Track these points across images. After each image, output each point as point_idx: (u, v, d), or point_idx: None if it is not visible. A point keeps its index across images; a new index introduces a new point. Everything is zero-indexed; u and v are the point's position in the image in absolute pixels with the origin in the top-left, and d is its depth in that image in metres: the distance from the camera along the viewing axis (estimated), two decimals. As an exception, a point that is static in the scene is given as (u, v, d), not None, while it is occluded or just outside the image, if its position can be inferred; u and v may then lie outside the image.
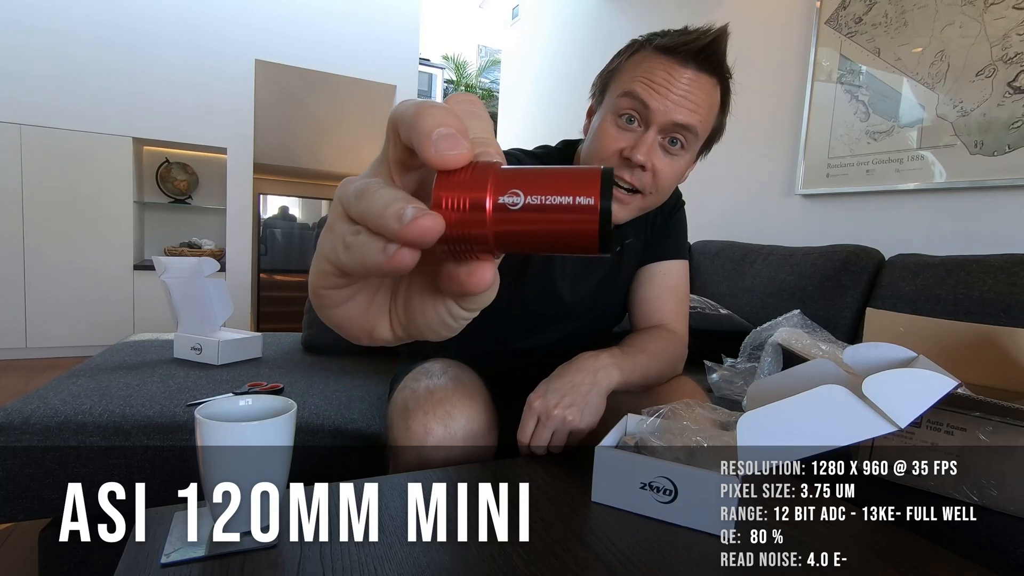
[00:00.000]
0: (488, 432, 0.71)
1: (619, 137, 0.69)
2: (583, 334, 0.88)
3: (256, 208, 5.12)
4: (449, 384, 0.72)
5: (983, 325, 0.90)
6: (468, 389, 0.72)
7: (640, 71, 0.69)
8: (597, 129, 0.72)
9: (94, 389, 1.02)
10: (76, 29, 3.18)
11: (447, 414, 0.68)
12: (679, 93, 0.67)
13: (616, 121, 0.70)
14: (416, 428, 0.68)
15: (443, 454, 0.68)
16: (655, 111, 0.67)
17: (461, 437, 0.68)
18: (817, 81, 1.88)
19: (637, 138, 0.68)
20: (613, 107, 0.70)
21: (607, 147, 0.70)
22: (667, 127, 0.68)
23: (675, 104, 0.67)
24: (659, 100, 0.67)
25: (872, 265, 1.43)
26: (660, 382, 0.79)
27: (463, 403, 0.69)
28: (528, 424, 0.67)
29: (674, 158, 0.70)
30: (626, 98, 0.68)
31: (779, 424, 0.50)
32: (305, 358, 1.39)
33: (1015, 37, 1.38)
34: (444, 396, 0.70)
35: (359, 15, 3.96)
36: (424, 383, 0.73)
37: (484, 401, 0.73)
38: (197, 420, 0.46)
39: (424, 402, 0.69)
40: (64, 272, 3.22)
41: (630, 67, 0.71)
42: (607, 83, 0.74)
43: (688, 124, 0.68)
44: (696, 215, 2.42)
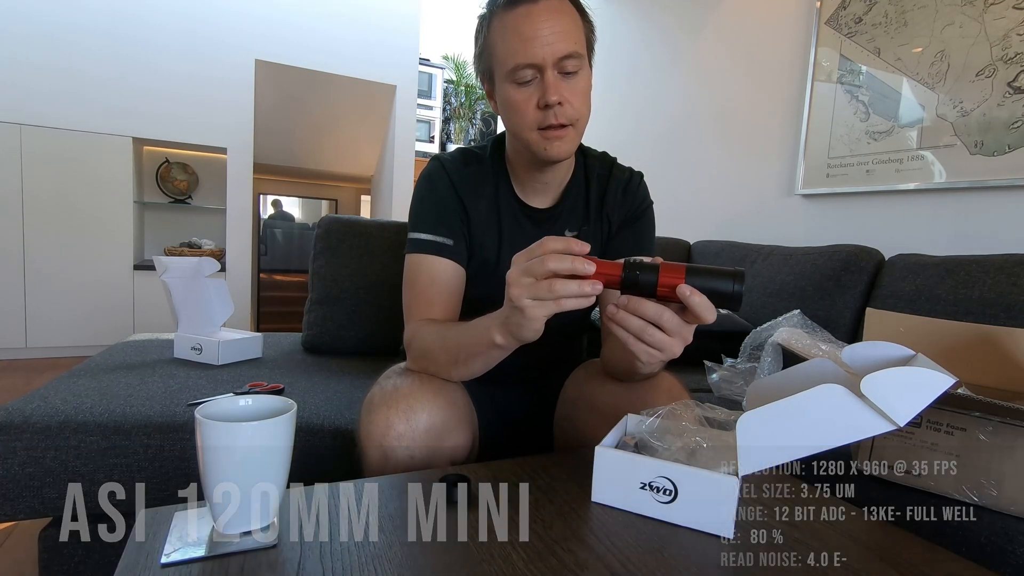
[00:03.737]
0: (455, 429, 0.72)
1: (528, 96, 0.76)
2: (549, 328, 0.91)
3: (256, 208, 5.13)
4: (415, 381, 0.73)
5: (983, 325, 0.90)
6: (435, 386, 0.73)
7: (508, 37, 0.75)
8: (507, 103, 0.78)
9: (95, 389, 1.02)
10: (76, 30, 3.18)
11: (409, 408, 0.69)
12: (547, 31, 0.73)
13: (518, 87, 0.76)
14: (378, 422, 0.69)
15: (405, 448, 0.68)
16: (542, 60, 0.73)
17: (423, 430, 0.69)
18: (817, 81, 1.88)
19: (540, 86, 0.75)
20: (509, 79, 0.76)
21: (524, 111, 0.76)
22: (556, 63, 0.74)
23: (550, 43, 0.73)
24: (538, 49, 0.73)
25: (872, 265, 1.43)
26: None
27: (426, 398, 0.71)
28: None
29: (576, 79, 0.76)
30: (516, 70, 0.75)
31: (779, 424, 0.50)
32: (305, 358, 1.39)
33: (1015, 37, 1.38)
34: (408, 391, 0.71)
35: (359, 15, 3.96)
36: (392, 381, 0.74)
37: (451, 398, 0.73)
38: (197, 420, 0.46)
39: (388, 397, 0.71)
40: (64, 272, 3.22)
41: (497, 39, 0.77)
42: (488, 65, 0.80)
43: (569, 52, 0.74)
44: (696, 215, 2.44)
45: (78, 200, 3.23)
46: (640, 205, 0.93)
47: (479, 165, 0.88)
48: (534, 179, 0.87)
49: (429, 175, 0.87)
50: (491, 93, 0.84)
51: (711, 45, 2.38)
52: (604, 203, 0.91)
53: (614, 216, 0.91)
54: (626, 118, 2.92)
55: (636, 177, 0.94)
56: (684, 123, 2.53)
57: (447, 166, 0.87)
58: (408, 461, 0.69)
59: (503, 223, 0.88)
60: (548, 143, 0.77)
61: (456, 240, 0.83)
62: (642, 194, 0.94)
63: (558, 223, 0.90)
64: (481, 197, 0.87)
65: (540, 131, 0.77)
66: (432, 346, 0.75)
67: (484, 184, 0.87)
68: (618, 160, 0.96)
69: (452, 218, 0.84)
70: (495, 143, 0.91)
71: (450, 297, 0.83)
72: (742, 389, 1.22)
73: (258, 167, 4.04)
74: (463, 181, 0.86)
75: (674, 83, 2.59)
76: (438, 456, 0.70)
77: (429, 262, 0.82)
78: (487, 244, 0.88)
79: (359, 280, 1.46)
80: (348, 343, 1.46)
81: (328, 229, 1.49)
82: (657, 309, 0.56)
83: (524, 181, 0.88)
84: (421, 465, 0.69)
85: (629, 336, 0.58)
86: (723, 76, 2.31)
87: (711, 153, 2.37)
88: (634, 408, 0.68)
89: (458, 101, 13.30)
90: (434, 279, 0.82)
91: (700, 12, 2.43)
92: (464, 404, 0.76)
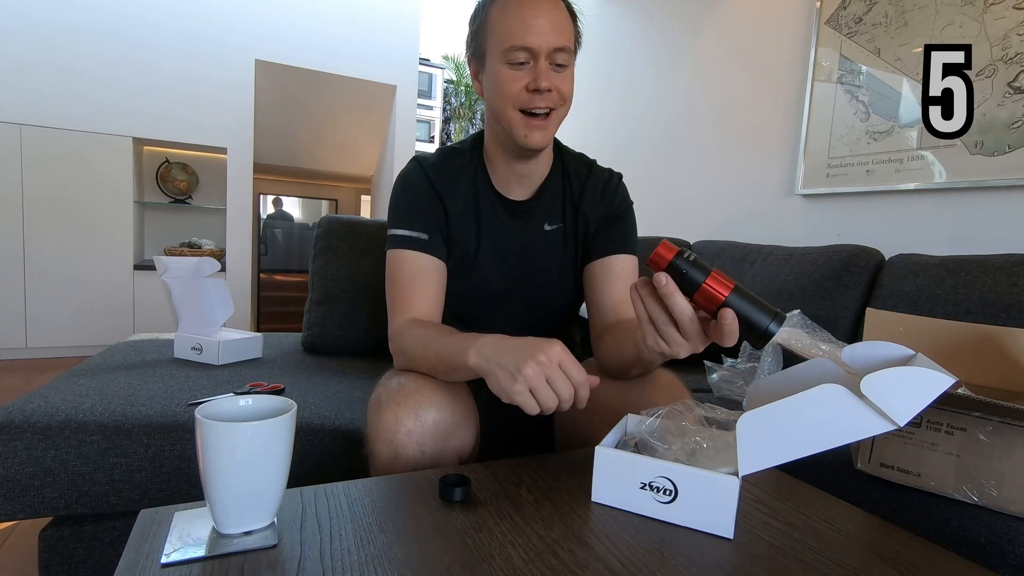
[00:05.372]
0: (461, 425, 0.73)
1: (519, 77, 0.79)
2: (534, 322, 0.95)
3: (256, 208, 5.12)
4: (420, 379, 0.74)
5: (983, 325, 0.90)
6: (438, 383, 0.74)
7: (510, 19, 0.79)
8: (497, 80, 0.81)
9: (95, 388, 1.02)
10: (76, 29, 3.18)
11: (417, 404, 0.70)
12: (546, 22, 0.78)
13: (510, 68, 0.80)
14: (388, 419, 0.70)
15: (415, 444, 0.69)
16: (538, 47, 0.78)
17: (431, 426, 0.70)
18: (817, 81, 1.88)
19: (533, 71, 0.79)
20: (503, 59, 0.80)
21: (513, 89, 0.80)
22: (550, 54, 0.79)
23: (548, 33, 0.78)
24: (537, 36, 0.77)
25: (872, 265, 1.43)
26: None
27: (433, 395, 0.71)
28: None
29: (564, 71, 0.81)
30: (512, 50, 0.78)
31: (779, 424, 0.50)
32: (305, 358, 1.39)
33: (1015, 37, 1.38)
34: (415, 389, 0.72)
35: (359, 15, 3.95)
36: (396, 380, 0.75)
37: (456, 395, 0.74)
38: (197, 420, 0.46)
39: (395, 395, 0.72)
40: (64, 272, 3.22)
41: (498, 19, 0.80)
42: (482, 43, 0.83)
43: (563, 46, 0.79)
44: (696, 215, 2.44)
45: (78, 200, 3.23)
46: (620, 206, 0.94)
47: (458, 158, 0.91)
48: (512, 170, 0.89)
49: (405, 175, 0.90)
50: (477, 73, 0.87)
51: (711, 45, 2.38)
52: (582, 202, 0.92)
53: (592, 216, 0.92)
54: (626, 118, 2.92)
55: (615, 178, 0.95)
56: (684, 123, 2.53)
57: (423, 164, 0.89)
58: (418, 458, 0.69)
59: (481, 214, 0.90)
60: (529, 131, 0.80)
61: (432, 234, 0.85)
62: (621, 195, 0.95)
63: (536, 216, 0.92)
64: (459, 188, 0.89)
65: (523, 115, 0.80)
66: (414, 351, 0.77)
67: (462, 175, 0.90)
68: (599, 161, 0.98)
69: (427, 214, 0.86)
70: (475, 137, 0.94)
71: (430, 290, 0.84)
72: (742, 389, 1.22)
73: (258, 167, 4.04)
74: (440, 175, 0.88)
75: (674, 83, 2.59)
76: (446, 453, 0.71)
77: (408, 257, 0.84)
78: (466, 236, 0.89)
79: (359, 280, 1.46)
80: (348, 343, 1.46)
81: (328, 229, 1.49)
82: (684, 308, 0.55)
83: (502, 173, 0.90)
84: (430, 463, 0.69)
85: (646, 316, 0.58)
86: (723, 76, 2.31)
87: (711, 153, 2.37)
88: (634, 407, 0.68)
89: (458, 101, 13.29)
90: (413, 274, 0.84)
91: (700, 12, 2.43)
92: (469, 402, 0.77)
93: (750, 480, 0.66)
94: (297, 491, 0.58)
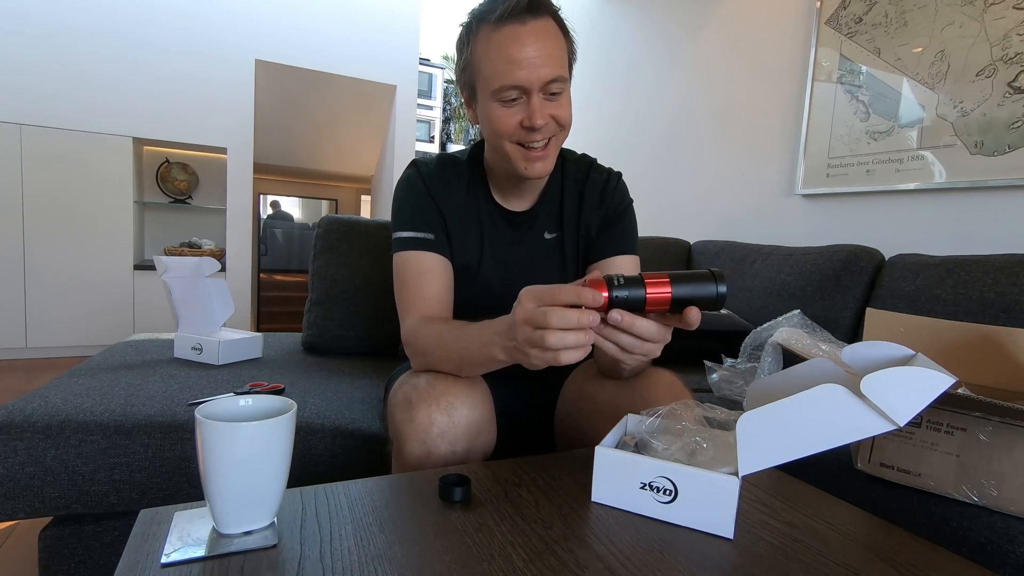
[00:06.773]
0: (489, 423, 0.73)
1: (512, 114, 0.76)
2: None
3: (256, 208, 5.13)
4: (449, 378, 0.74)
5: (983, 325, 0.90)
6: (467, 381, 0.74)
7: (494, 58, 0.74)
8: (489, 117, 0.78)
9: (95, 388, 1.02)
10: (76, 30, 3.18)
11: (450, 404, 0.70)
12: (534, 54, 0.73)
13: (503, 105, 0.77)
14: (420, 419, 0.69)
15: (447, 443, 0.69)
16: (529, 84, 0.74)
17: (464, 426, 0.70)
18: (817, 81, 1.88)
19: (526, 107, 0.75)
20: (494, 97, 0.76)
21: (507, 127, 0.77)
22: (543, 87, 0.75)
23: (538, 67, 0.73)
24: (527, 73, 0.73)
25: (872, 265, 1.43)
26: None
27: (464, 393, 0.71)
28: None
29: (559, 99, 0.78)
30: (501, 90, 0.75)
31: (779, 424, 0.50)
32: (305, 358, 1.39)
33: (1015, 37, 1.38)
34: (446, 388, 0.71)
35: (359, 15, 3.96)
36: (424, 377, 0.74)
37: (483, 392, 0.74)
38: (197, 420, 0.46)
39: (427, 394, 0.71)
40: (64, 272, 3.22)
41: (483, 57, 0.76)
42: (471, 79, 0.80)
43: (555, 76, 0.75)
44: (696, 215, 2.44)
45: (78, 200, 3.23)
46: (620, 205, 0.93)
47: (455, 167, 0.90)
48: (512, 184, 0.89)
49: (406, 179, 0.90)
50: (470, 103, 0.85)
51: (711, 45, 2.38)
52: (581, 208, 0.92)
53: (592, 221, 0.92)
54: (626, 118, 2.92)
55: (614, 178, 0.95)
56: (684, 123, 2.53)
57: (421, 169, 0.89)
58: (449, 456, 0.69)
59: (483, 226, 0.90)
60: (529, 163, 0.79)
61: (436, 234, 0.85)
62: (620, 194, 0.94)
63: (535, 226, 0.92)
64: (456, 197, 0.88)
65: (521, 148, 0.78)
66: (432, 349, 0.76)
67: (459, 185, 0.89)
68: (599, 161, 0.97)
69: (430, 215, 0.86)
70: (474, 148, 0.93)
71: (438, 286, 0.84)
72: (742, 389, 1.22)
73: (258, 167, 4.04)
74: (436, 182, 0.88)
75: (674, 83, 2.59)
76: (474, 452, 0.71)
77: (414, 258, 0.84)
78: (469, 247, 0.89)
79: (359, 280, 1.46)
80: (348, 343, 1.46)
81: (328, 229, 1.49)
82: (649, 327, 0.57)
83: (503, 186, 0.90)
84: (460, 460, 0.70)
85: (617, 349, 0.59)
86: (723, 76, 2.31)
87: (711, 153, 2.37)
88: (635, 407, 0.68)
89: (458, 101, 13.28)
90: (421, 272, 0.84)
91: (700, 12, 2.43)
92: (491, 399, 0.77)
93: (750, 480, 0.66)
94: (297, 491, 0.58)
